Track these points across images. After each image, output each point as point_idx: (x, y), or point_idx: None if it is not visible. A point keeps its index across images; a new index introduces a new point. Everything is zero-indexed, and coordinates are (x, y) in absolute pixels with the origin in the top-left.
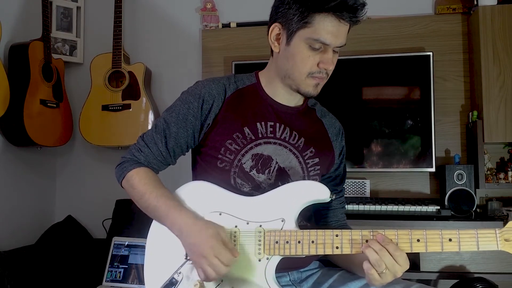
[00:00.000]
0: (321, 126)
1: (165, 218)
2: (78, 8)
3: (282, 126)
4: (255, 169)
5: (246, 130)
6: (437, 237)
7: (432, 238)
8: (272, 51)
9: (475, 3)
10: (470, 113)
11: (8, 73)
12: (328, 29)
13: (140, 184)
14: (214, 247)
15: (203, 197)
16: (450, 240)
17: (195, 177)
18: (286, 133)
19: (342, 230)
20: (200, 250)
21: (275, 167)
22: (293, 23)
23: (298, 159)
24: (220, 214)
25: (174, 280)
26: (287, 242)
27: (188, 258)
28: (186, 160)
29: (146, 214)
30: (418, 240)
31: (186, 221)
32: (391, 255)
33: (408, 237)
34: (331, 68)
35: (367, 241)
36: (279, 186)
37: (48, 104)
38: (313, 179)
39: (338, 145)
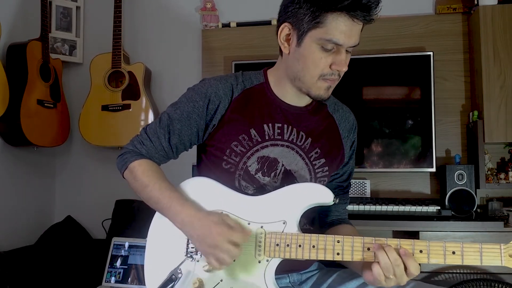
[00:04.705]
0: (332, 122)
1: (168, 209)
2: (78, 8)
3: (290, 128)
4: (260, 172)
5: (253, 132)
6: (440, 249)
7: (435, 250)
8: (281, 51)
9: (476, 2)
10: (471, 113)
11: (6, 73)
12: (341, 28)
13: (143, 175)
14: (223, 233)
15: (205, 194)
16: (453, 253)
17: (200, 174)
18: (294, 135)
19: (344, 236)
20: (210, 240)
21: (281, 169)
22: (304, 23)
23: (305, 161)
24: (222, 212)
25: (173, 277)
26: (288, 245)
27: (188, 255)
28: (185, 153)
29: (145, 214)
30: (421, 251)
31: (188, 213)
32: (406, 271)
33: (410, 247)
34: (344, 69)
35: (368, 249)
36: None
37: (45, 104)
38: (320, 181)
39: (349, 141)
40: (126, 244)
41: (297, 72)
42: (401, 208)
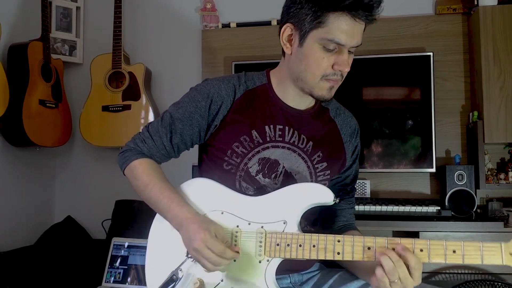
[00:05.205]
0: (334, 127)
1: (167, 210)
2: (78, 8)
3: (291, 130)
4: (261, 173)
5: (254, 133)
6: (440, 247)
7: (435, 249)
8: (283, 52)
9: (476, 3)
10: (471, 114)
11: (7, 73)
12: (343, 28)
13: (144, 175)
14: (204, 239)
15: (206, 194)
16: (454, 251)
17: (201, 174)
18: (295, 137)
19: (345, 236)
20: (193, 243)
21: (281, 171)
22: (306, 23)
23: (307, 164)
24: (222, 213)
25: (174, 277)
26: (288, 245)
27: (189, 255)
28: (185, 154)
29: (145, 214)
30: (421, 250)
31: (186, 216)
32: (409, 268)
33: (411, 246)
34: (346, 70)
35: (369, 248)
36: None
37: (47, 104)
38: (321, 183)
39: (351, 146)
40: (126, 245)
41: (300, 73)
42: (401, 208)
